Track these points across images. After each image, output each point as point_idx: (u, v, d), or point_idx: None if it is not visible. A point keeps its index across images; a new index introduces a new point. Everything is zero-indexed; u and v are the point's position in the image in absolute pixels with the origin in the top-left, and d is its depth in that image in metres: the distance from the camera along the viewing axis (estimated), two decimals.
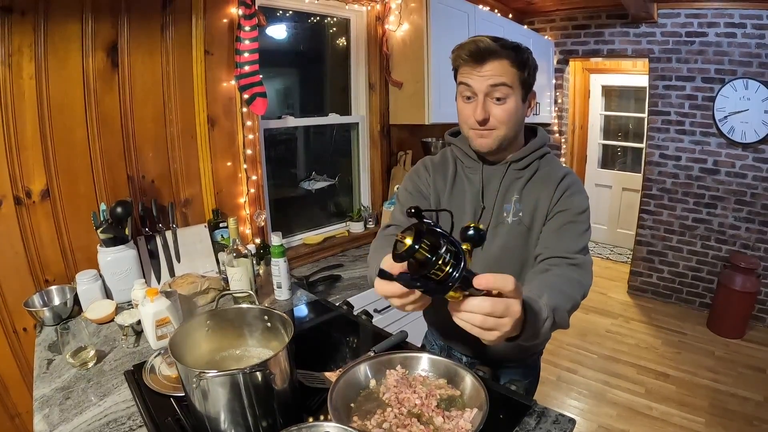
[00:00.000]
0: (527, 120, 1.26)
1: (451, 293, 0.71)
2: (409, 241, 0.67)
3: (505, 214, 1.24)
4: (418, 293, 0.76)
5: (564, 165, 1.31)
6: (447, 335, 1.46)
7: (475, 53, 1.11)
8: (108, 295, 1.80)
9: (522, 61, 1.13)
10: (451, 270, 0.67)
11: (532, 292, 0.92)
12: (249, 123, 2.34)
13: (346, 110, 3.12)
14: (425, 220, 0.69)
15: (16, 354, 1.77)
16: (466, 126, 1.20)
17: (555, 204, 1.20)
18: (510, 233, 1.24)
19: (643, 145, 4.57)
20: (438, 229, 0.69)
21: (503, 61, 1.11)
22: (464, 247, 0.72)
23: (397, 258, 0.69)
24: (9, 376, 1.77)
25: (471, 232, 0.77)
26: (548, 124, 4.79)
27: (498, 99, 1.13)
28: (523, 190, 1.23)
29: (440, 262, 0.66)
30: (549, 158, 1.28)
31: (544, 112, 4.48)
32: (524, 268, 1.23)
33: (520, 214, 1.22)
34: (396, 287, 0.74)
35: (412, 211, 0.69)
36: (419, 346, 1.53)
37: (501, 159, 1.26)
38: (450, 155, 1.36)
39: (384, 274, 0.72)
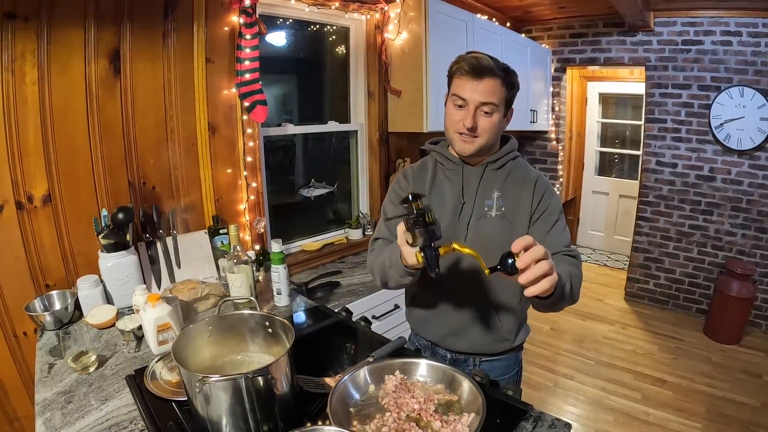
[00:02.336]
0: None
1: (418, 257, 1.07)
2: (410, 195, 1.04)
3: (486, 209, 1.37)
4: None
5: (532, 167, 1.46)
6: (432, 331, 1.52)
7: (476, 67, 1.24)
8: (109, 300, 1.81)
9: (511, 83, 1.29)
10: (425, 226, 1.03)
11: None
12: (249, 130, 2.36)
13: (345, 118, 3.14)
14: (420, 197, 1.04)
15: (16, 358, 1.78)
16: (453, 129, 1.32)
17: (537, 205, 1.35)
18: (495, 226, 1.36)
19: (639, 153, 4.60)
20: (427, 208, 1.04)
21: (497, 81, 1.25)
22: (456, 246, 1.06)
23: (402, 200, 1.06)
24: (9, 380, 1.77)
25: (510, 261, 0.97)
26: (545, 132, 4.82)
27: (485, 113, 1.27)
28: (503, 188, 1.37)
29: (419, 217, 1.02)
30: (519, 160, 1.44)
31: (542, 120, 4.51)
32: None
33: (503, 209, 1.36)
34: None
35: (417, 193, 1.04)
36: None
37: (479, 162, 1.39)
38: (430, 161, 1.49)
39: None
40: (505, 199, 1.36)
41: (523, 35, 4.27)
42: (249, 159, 2.39)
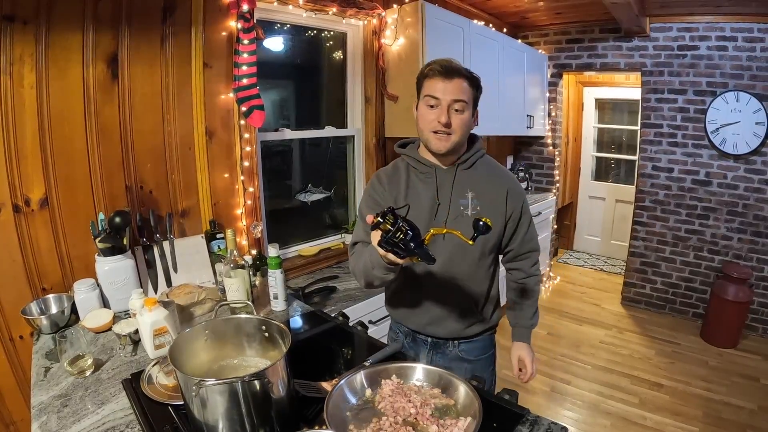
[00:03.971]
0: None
1: (414, 259, 1.09)
2: (378, 218, 1.03)
3: (462, 208, 1.46)
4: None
5: (500, 164, 1.60)
6: (413, 321, 1.62)
7: (447, 69, 1.36)
8: (105, 304, 1.80)
9: (477, 84, 1.41)
10: (405, 237, 1.03)
11: (522, 320, 1.69)
12: (246, 135, 2.36)
13: (342, 123, 3.14)
14: (393, 211, 1.04)
15: (12, 361, 1.77)
16: (428, 129, 1.40)
17: (513, 209, 1.51)
18: (471, 224, 1.38)
19: (636, 158, 4.62)
20: (399, 216, 1.05)
21: (464, 81, 1.37)
22: (434, 231, 1.14)
23: (372, 227, 1.06)
24: (4, 383, 1.77)
25: (481, 223, 1.14)
26: (542, 137, 4.84)
27: (457, 110, 1.37)
28: (477, 188, 1.47)
29: (398, 232, 1.03)
30: (486, 158, 1.56)
31: (538, 125, 4.52)
32: (482, 252, 1.50)
33: (478, 208, 1.46)
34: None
35: (385, 210, 1.04)
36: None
37: (450, 162, 1.48)
38: (401, 164, 1.56)
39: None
40: (479, 199, 1.46)
41: (519, 41, 4.29)
42: (246, 164, 2.39)
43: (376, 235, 1.08)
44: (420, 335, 1.62)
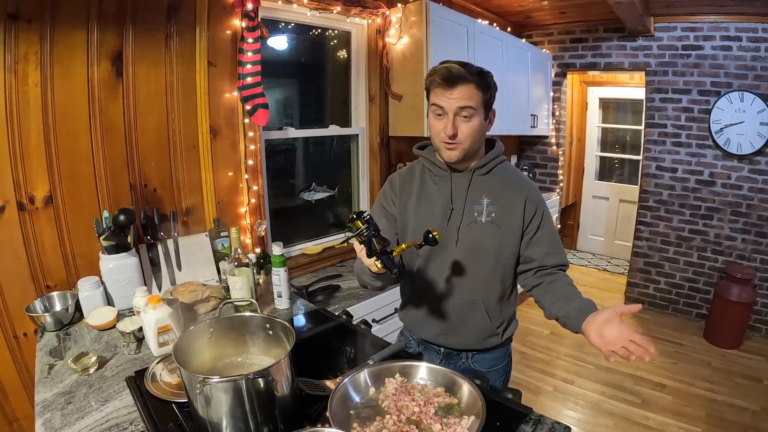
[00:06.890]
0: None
1: (377, 264, 1.15)
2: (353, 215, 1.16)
3: (476, 214, 1.40)
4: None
5: (520, 171, 1.51)
6: (425, 330, 1.56)
7: (447, 78, 1.27)
8: (109, 301, 1.81)
9: (486, 85, 1.32)
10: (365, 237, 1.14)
11: (585, 305, 1.27)
12: (250, 134, 2.36)
13: (346, 122, 3.15)
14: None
15: (15, 359, 1.77)
16: (438, 139, 1.35)
17: (531, 219, 1.40)
18: (485, 232, 1.40)
19: (640, 157, 4.61)
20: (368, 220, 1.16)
21: (470, 85, 1.28)
22: (405, 246, 1.20)
23: (348, 221, 1.19)
24: (8, 380, 1.77)
25: (430, 236, 1.17)
26: (546, 137, 4.83)
27: (464, 117, 1.30)
28: (493, 194, 1.41)
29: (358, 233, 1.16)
30: (505, 164, 1.48)
31: (542, 125, 4.52)
32: (496, 261, 1.43)
33: (493, 215, 1.40)
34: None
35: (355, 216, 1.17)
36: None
37: (466, 167, 1.42)
38: (417, 166, 1.53)
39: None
40: (495, 205, 1.40)
41: (523, 40, 4.28)
42: (250, 162, 2.39)
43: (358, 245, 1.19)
44: (432, 345, 1.57)
